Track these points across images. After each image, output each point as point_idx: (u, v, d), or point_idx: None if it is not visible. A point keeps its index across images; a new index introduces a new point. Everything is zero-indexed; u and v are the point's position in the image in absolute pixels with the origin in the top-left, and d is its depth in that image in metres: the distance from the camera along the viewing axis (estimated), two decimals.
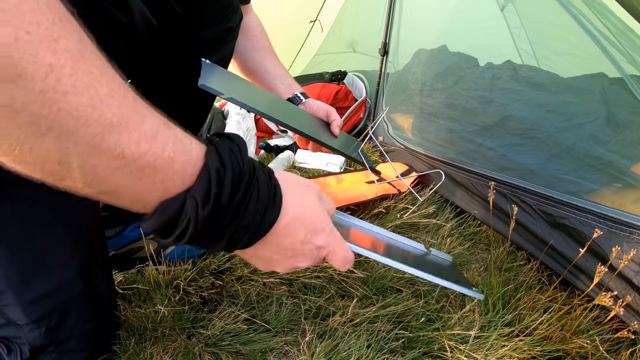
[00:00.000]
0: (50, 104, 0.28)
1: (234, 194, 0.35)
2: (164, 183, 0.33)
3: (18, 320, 0.55)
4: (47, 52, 0.27)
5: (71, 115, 0.28)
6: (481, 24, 1.40)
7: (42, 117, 0.28)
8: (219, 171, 0.34)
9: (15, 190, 0.51)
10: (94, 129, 0.29)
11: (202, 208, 0.34)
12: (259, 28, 0.93)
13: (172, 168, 0.33)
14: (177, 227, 0.35)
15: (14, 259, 0.53)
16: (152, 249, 0.86)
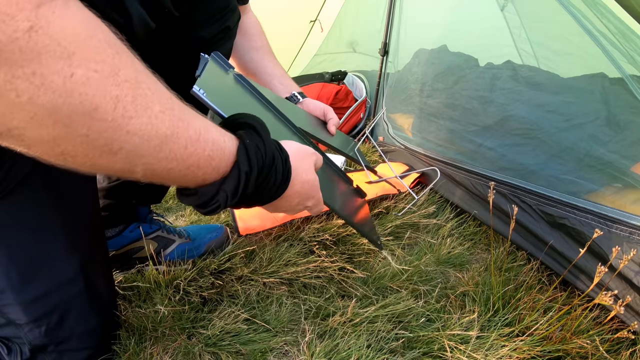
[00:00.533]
0: (120, 128, 0.33)
1: (256, 187, 0.44)
2: (204, 175, 0.41)
3: (18, 320, 0.55)
4: (113, 86, 0.32)
5: (136, 135, 0.34)
6: (481, 24, 1.40)
7: (114, 140, 0.33)
8: (247, 174, 0.42)
9: (16, 190, 0.51)
10: (154, 142, 0.35)
11: (231, 199, 0.43)
12: (257, 28, 0.93)
13: (210, 165, 0.40)
14: (208, 207, 0.43)
15: (14, 258, 0.53)
16: (152, 249, 0.86)
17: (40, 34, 0.28)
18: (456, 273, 0.90)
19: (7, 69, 0.28)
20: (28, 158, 0.53)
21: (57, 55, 0.29)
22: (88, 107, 0.31)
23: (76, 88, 0.30)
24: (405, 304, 0.75)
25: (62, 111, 0.30)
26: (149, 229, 0.87)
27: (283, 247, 0.91)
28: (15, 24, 0.27)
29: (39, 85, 0.29)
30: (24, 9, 0.28)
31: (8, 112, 0.29)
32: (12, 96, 0.29)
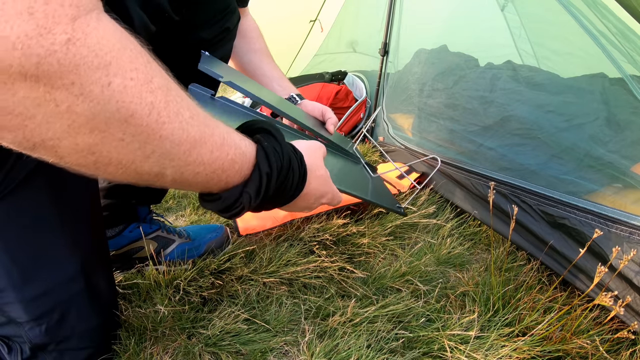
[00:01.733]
0: (153, 133, 0.35)
1: (277, 188, 0.47)
2: (227, 178, 0.43)
3: (19, 318, 0.55)
4: (147, 92, 0.34)
5: (168, 139, 0.36)
6: (481, 24, 1.40)
7: (147, 144, 0.35)
8: (268, 174, 0.45)
9: (17, 189, 0.52)
10: (184, 147, 0.37)
11: (255, 200, 0.45)
12: (256, 31, 0.94)
13: (233, 168, 0.43)
14: (232, 210, 0.45)
15: (15, 257, 0.53)
16: (152, 249, 0.86)
17: (78, 46, 0.29)
18: (456, 273, 0.90)
19: (47, 81, 0.29)
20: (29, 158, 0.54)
21: (95, 65, 0.30)
22: (125, 114, 0.32)
23: (113, 96, 0.31)
24: (405, 304, 0.75)
25: (100, 118, 0.32)
26: (149, 228, 0.87)
27: (283, 247, 0.91)
28: (53, 37, 0.28)
29: (77, 95, 0.30)
30: (60, 22, 0.28)
31: (45, 122, 0.30)
32: (51, 106, 0.30)
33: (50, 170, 0.55)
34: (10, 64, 0.27)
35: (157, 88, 0.34)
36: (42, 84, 0.29)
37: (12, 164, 0.51)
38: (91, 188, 0.62)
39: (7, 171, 0.50)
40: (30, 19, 0.27)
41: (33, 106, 0.29)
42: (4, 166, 0.50)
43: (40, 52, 0.28)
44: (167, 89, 0.36)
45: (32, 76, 0.28)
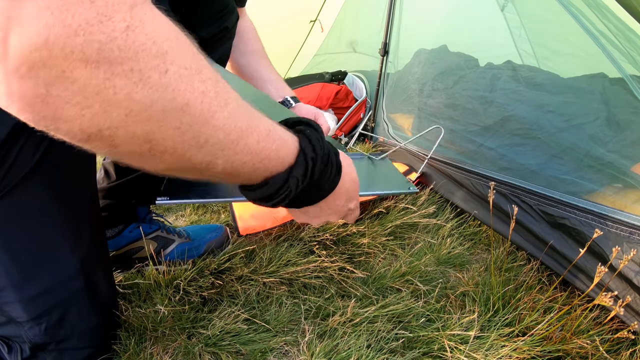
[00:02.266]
0: (206, 122, 0.35)
1: (320, 173, 0.48)
2: (272, 168, 0.44)
3: (18, 318, 0.55)
4: (199, 82, 0.34)
5: (220, 128, 0.37)
6: (481, 24, 1.40)
7: (201, 133, 0.35)
8: (314, 159, 0.46)
9: (17, 188, 0.52)
10: (234, 136, 0.38)
11: (302, 183, 0.46)
12: (253, 32, 0.94)
13: (278, 157, 0.44)
14: (277, 197, 0.46)
15: (15, 256, 0.53)
16: (152, 249, 0.86)
17: (136, 33, 0.30)
18: (456, 273, 0.90)
19: (107, 67, 0.29)
20: (29, 156, 0.54)
21: (153, 53, 0.31)
22: (180, 102, 0.33)
23: (170, 83, 0.32)
24: (405, 304, 0.75)
25: (157, 105, 0.32)
26: (149, 228, 0.87)
27: (283, 247, 0.91)
28: (113, 24, 0.29)
29: (136, 82, 0.30)
30: (119, 10, 0.29)
31: (103, 111, 0.30)
32: (110, 93, 0.30)
33: (49, 169, 0.54)
34: (72, 51, 0.28)
35: (207, 78, 0.35)
36: (102, 70, 0.29)
37: (11, 163, 0.51)
38: (90, 188, 0.62)
39: (6, 170, 0.50)
40: (92, 6, 0.28)
41: (92, 94, 0.30)
42: (2, 165, 0.50)
43: (102, 39, 0.28)
44: (216, 79, 0.36)
45: (93, 62, 0.28)
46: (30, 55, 0.27)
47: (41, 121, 0.31)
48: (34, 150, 0.53)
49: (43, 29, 0.27)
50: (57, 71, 0.28)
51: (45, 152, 0.54)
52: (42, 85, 0.29)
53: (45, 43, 0.27)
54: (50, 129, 0.32)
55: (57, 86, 0.29)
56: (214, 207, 1.16)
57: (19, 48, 0.27)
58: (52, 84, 0.29)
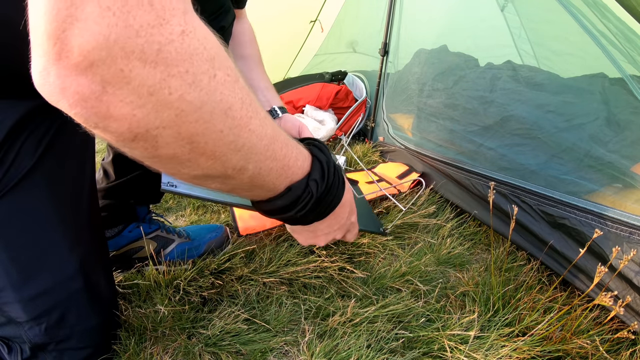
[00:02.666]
0: (244, 126, 0.37)
1: (332, 177, 0.51)
2: (292, 174, 0.46)
3: (18, 318, 0.55)
4: (238, 89, 0.36)
5: (254, 133, 0.39)
6: (481, 24, 1.40)
7: (239, 137, 0.37)
8: (327, 163, 0.50)
9: (16, 188, 0.52)
10: (265, 141, 0.40)
11: (320, 186, 0.49)
12: (249, 35, 0.92)
13: (297, 164, 0.46)
14: (300, 203, 0.48)
15: (15, 256, 0.53)
16: (151, 249, 0.86)
17: (191, 38, 0.31)
18: (456, 273, 0.90)
19: (164, 68, 0.30)
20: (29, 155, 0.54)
21: (204, 57, 0.33)
22: (225, 105, 0.35)
23: (218, 87, 0.34)
24: (405, 304, 0.75)
25: (206, 107, 0.34)
26: (148, 228, 0.87)
27: (283, 247, 0.91)
28: (171, 27, 0.30)
29: (190, 83, 0.32)
30: (175, 15, 0.30)
31: (154, 111, 0.32)
32: (165, 93, 0.31)
33: (48, 169, 0.55)
34: (133, 50, 0.29)
35: (243, 86, 0.37)
36: (159, 70, 0.30)
37: (10, 162, 0.51)
38: (90, 188, 0.62)
39: (6, 170, 0.50)
40: (151, 9, 0.29)
41: (146, 94, 0.31)
42: (2, 165, 0.50)
43: (161, 40, 0.30)
44: (248, 89, 0.38)
45: (152, 62, 0.30)
46: (91, 52, 0.28)
47: (92, 118, 0.31)
48: (34, 149, 0.53)
49: (105, 28, 0.28)
50: (115, 69, 0.29)
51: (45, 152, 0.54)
52: (99, 82, 0.29)
53: (107, 42, 0.28)
54: (99, 126, 0.32)
55: (114, 84, 0.30)
56: (214, 207, 1.16)
57: (80, 45, 0.28)
58: (109, 81, 0.29)
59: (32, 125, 0.52)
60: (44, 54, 0.29)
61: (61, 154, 0.56)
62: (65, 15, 0.27)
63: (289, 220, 0.53)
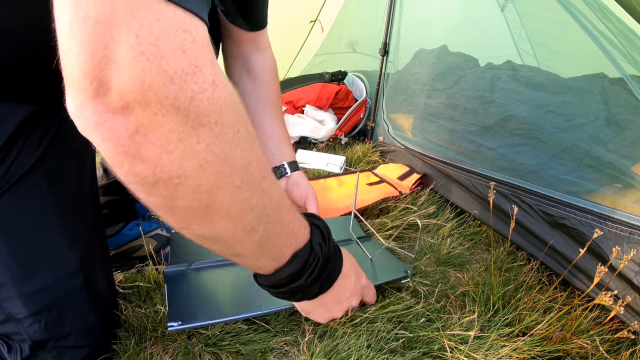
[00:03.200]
0: (259, 185, 0.38)
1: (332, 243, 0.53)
2: (296, 241, 0.47)
3: (18, 314, 0.55)
4: (256, 147, 0.37)
5: (267, 193, 0.39)
6: (481, 24, 1.40)
7: (254, 195, 0.37)
8: (326, 228, 0.53)
9: (17, 185, 0.52)
10: (275, 203, 0.41)
11: (324, 248, 0.50)
12: (270, 72, 0.79)
13: (300, 231, 0.48)
14: (308, 268, 0.48)
15: (15, 252, 0.53)
16: (151, 248, 0.86)
17: (220, 89, 0.32)
18: (456, 273, 0.90)
19: (195, 117, 0.30)
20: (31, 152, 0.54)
21: (231, 110, 0.33)
22: (245, 162, 0.35)
23: (240, 143, 0.34)
24: (405, 304, 0.75)
25: (229, 161, 0.34)
26: (148, 227, 0.87)
27: None
28: (203, 76, 0.30)
29: (217, 134, 0.32)
30: (206, 63, 0.31)
31: (180, 158, 0.32)
32: (193, 142, 0.31)
33: (49, 167, 0.55)
34: (167, 96, 0.29)
35: (259, 146, 0.38)
36: (190, 118, 0.30)
37: (12, 161, 0.51)
38: (90, 186, 0.62)
39: (7, 167, 0.50)
40: (184, 56, 0.29)
41: (175, 140, 0.31)
42: (4, 162, 0.50)
43: (195, 89, 0.30)
44: (262, 150, 0.39)
45: (184, 110, 0.30)
46: (127, 94, 0.28)
47: (120, 155, 0.31)
48: (35, 147, 0.53)
49: (140, 72, 0.28)
50: (149, 113, 0.29)
51: (46, 149, 0.54)
52: (133, 122, 0.30)
53: (141, 86, 0.28)
54: (125, 165, 0.32)
55: (147, 127, 0.30)
56: None
57: (117, 85, 0.28)
58: (142, 123, 0.30)
59: (34, 125, 0.53)
60: (81, 91, 0.29)
61: (61, 153, 0.56)
62: (102, 56, 0.28)
63: (295, 293, 0.52)
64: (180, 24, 0.29)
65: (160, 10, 0.28)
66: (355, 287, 0.61)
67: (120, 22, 0.27)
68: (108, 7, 0.27)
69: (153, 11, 0.28)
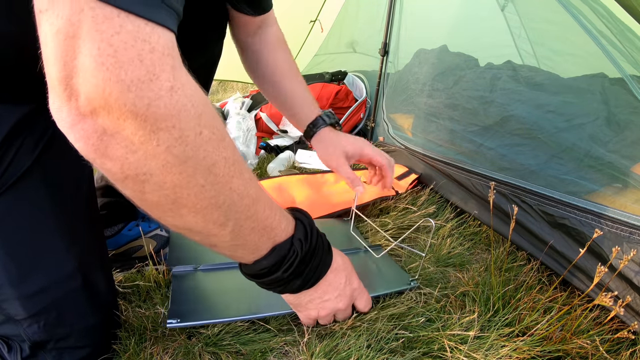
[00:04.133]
0: (226, 184, 0.39)
1: (315, 239, 0.53)
2: (275, 235, 0.48)
3: (17, 315, 0.55)
4: (223, 148, 0.38)
5: (236, 192, 0.40)
6: (481, 24, 1.40)
7: (221, 193, 0.39)
8: (310, 225, 0.53)
9: (15, 186, 0.52)
10: (246, 201, 0.42)
11: (305, 245, 0.51)
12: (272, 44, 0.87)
13: (280, 226, 0.48)
14: (285, 262, 0.49)
15: (13, 253, 0.53)
16: (151, 248, 0.86)
17: (179, 94, 0.33)
18: (456, 273, 0.90)
19: (153, 121, 0.33)
20: (28, 154, 0.54)
21: (191, 114, 0.35)
22: (209, 162, 0.37)
23: (202, 144, 0.36)
24: (405, 304, 0.75)
25: (190, 162, 0.35)
26: (148, 227, 0.87)
27: None
28: (160, 83, 0.32)
29: (176, 138, 0.34)
30: (164, 70, 0.33)
31: (143, 158, 0.34)
32: (154, 144, 0.34)
33: (47, 167, 0.55)
34: (125, 103, 0.31)
35: (228, 146, 0.39)
36: (149, 123, 0.33)
37: (10, 161, 0.51)
38: (87, 187, 0.62)
39: (4, 169, 0.50)
40: (141, 65, 0.31)
41: (138, 142, 0.33)
42: (1, 164, 0.50)
43: (151, 95, 0.32)
44: (234, 149, 0.40)
45: (142, 115, 0.32)
46: (93, 101, 0.31)
47: (91, 154, 0.34)
48: (32, 148, 0.53)
49: (101, 81, 0.31)
50: (113, 118, 0.32)
51: (44, 151, 0.54)
52: (100, 125, 0.33)
53: (103, 94, 0.31)
54: (97, 162, 0.35)
55: (112, 129, 0.33)
56: None
57: (84, 92, 0.31)
58: (108, 126, 0.33)
59: (30, 126, 0.53)
60: (58, 96, 0.32)
61: (59, 154, 0.56)
62: (71, 66, 0.31)
63: (275, 285, 0.53)
64: (139, 34, 0.31)
65: (120, 23, 0.30)
66: (344, 288, 0.61)
67: (85, 36, 0.30)
68: (75, 22, 0.30)
69: (113, 24, 0.30)
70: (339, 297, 0.60)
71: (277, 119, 1.75)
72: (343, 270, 0.60)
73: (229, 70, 2.28)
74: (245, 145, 1.60)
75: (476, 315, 0.72)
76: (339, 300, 0.61)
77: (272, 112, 1.76)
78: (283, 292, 0.57)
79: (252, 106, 1.91)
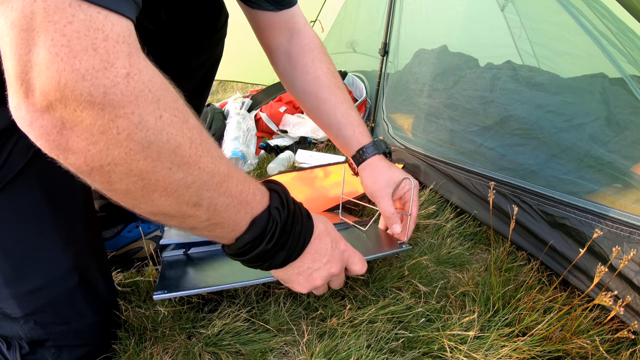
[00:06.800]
0: (194, 164, 0.39)
1: (292, 207, 0.52)
2: (252, 209, 0.48)
3: (13, 314, 0.55)
4: (187, 129, 0.38)
5: (205, 171, 0.40)
6: (481, 24, 1.40)
7: (189, 174, 0.39)
8: (285, 193, 0.52)
9: (10, 185, 0.52)
10: (217, 179, 0.42)
11: (282, 212, 0.50)
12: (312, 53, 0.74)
13: (255, 199, 0.48)
14: (267, 234, 0.48)
15: (8, 252, 0.53)
16: (151, 249, 0.86)
17: (135, 80, 0.33)
18: (456, 273, 0.90)
19: (111, 109, 0.32)
20: (22, 153, 0.54)
21: (150, 99, 0.34)
22: (173, 144, 0.37)
23: (164, 128, 0.36)
24: (405, 304, 0.75)
25: (153, 147, 0.35)
26: (148, 228, 0.87)
27: None
28: (115, 71, 0.32)
29: (136, 124, 0.34)
30: (119, 58, 0.32)
31: (106, 148, 0.34)
32: (114, 132, 0.33)
33: (42, 166, 0.55)
34: (81, 93, 0.31)
35: (193, 127, 0.39)
36: (107, 112, 0.32)
37: (4, 161, 0.51)
38: (83, 187, 0.62)
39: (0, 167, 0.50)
40: (95, 54, 0.31)
41: (98, 133, 0.33)
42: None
43: (107, 83, 0.32)
44: (200, 129, 0.40)
45: (99, 104, 0.32)
46: (49, 94, 0.31)
47: (54, 150, 0.34)
48: (26, 148, 0.53)
49: (56, 73, 0.30)
50: (70, 110, 0.32)
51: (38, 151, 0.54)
52: (58, 119, 0.32)
53: (58, 86, 0.31)
54: (60, 158, 0.35)
55: (70, 122, 0.32)
56: None
57: (39, 87, 0.31)
58: (66, 119, 0.32)
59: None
60: (15, 93, 0.32)
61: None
62: (26, 60, 0.30)
63: (262, 261, 0.52)
64: (92, 23, 0.31)
65: (73, 13, 0.30)
66: (333, 252, 0.57)
67: (39, 27, 0.30)
68: (29, 14, 0.29)
69: (65, 14, 0.30)
70: (328, 262, 0.57)
71: (277, 119, 1.75)
72: (327, 235, 0.57)
73: (229, 70, 2.29)
74: (245, 145, 1.60)
75: (476, 315, 0.72)
76: (331, 266, 0.57)
77: (272, 112, 1.76)
78: (270, 269, 0.55)
79: (252, 106, 1.91)
